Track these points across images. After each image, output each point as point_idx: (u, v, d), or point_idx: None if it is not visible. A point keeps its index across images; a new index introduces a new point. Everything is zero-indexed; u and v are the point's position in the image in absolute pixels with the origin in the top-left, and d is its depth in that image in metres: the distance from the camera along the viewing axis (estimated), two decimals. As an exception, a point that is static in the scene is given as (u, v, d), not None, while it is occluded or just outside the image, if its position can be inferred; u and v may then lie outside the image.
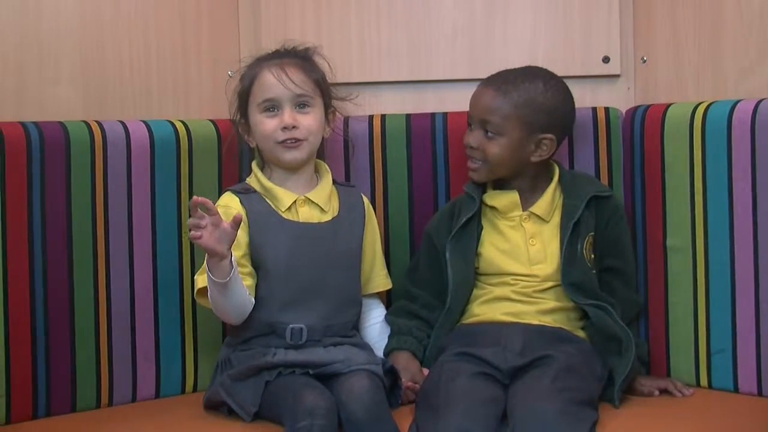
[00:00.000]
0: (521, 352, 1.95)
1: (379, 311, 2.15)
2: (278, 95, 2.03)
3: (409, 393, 1.97)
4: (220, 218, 1.86)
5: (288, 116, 2.02)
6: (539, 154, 2.08)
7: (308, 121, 2.04)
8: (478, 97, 2.09)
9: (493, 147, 2.06)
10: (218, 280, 1.89)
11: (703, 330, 2.07)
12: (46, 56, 2.13)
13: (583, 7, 2.31)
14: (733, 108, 2.03)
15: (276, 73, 2.04)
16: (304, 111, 2.04)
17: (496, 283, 2.07)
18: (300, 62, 2.07)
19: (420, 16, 2.34)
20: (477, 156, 2.08)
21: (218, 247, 1.85)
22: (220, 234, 1.85)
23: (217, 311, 1.97)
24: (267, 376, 1.90)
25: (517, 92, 2.06)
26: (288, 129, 2.02)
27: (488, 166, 2.08)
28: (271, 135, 2.03)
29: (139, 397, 2.08)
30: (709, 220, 2.06)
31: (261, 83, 2.04)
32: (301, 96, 2.04)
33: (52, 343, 1.97)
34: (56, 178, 1.98)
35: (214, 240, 1.85)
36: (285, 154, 2.03)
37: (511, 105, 2.05)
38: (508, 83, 2.07)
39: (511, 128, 2.05)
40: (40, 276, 1.96)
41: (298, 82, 2.03)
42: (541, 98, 2.07)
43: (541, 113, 2.06)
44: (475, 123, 2.09)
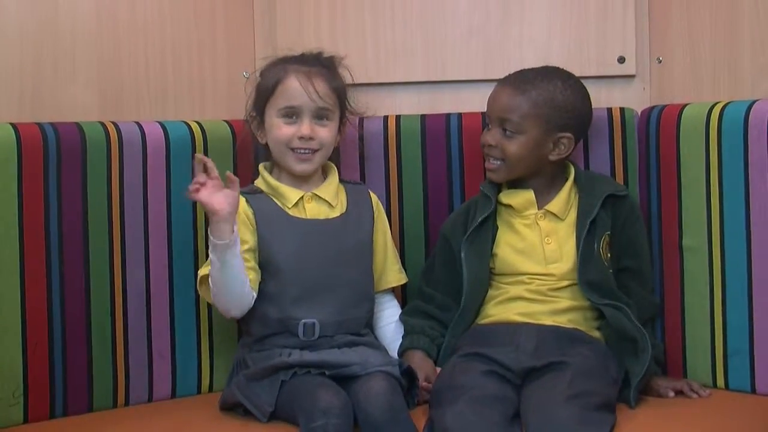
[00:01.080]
0: (534, 353, 1.94)
1: (393, 310, 2.16)
2: (301, 104, 2.04)
3: (423, 393, 1.97)
4: (220, 183, 1.91)
5: (306, 127, 2.03)
6: (557, 153, 2.08)
7: (324, 134, 2.05)
8: (496, 96, 2.09)
9: (512, 146, 2.06)
10: (218, 242, 1.90)
11: (719, 331, 2.06)
12: (62, 58, 2.14)
13: (598, 7, 2.31)
14: (750, 108, 2.02)
15: (303, 81, 2.04)
16: (322, 123, 2.05)
17: (511, 282, 2.07)
18: (326, 72, 2.08)
19: (435, 17, 2.34)
20: (495, 155, 2.08)
21: (219, 205, 1.89)
22: (222, 194, 1.90)
23: (215, 294, 1.96)
24: (282, 375, 1.90)
25: (536, 91, 2.06)
26: (304, 139, 2.03)
27: (507, 165, 2.08)
28: (286, 141, 2.04)
29: (155, 397, 2.08)
30: (725, 221, 2.05)
31: (286, 88, 2.05)
32: (323, 109, 2.05)
33: (68, 343, 1.98)
34: (73, 179, 1.98)
35: (215, 197, 1.89)
36: (296, 165, 2.05)
37: (530, 103, 2.05)
38: (527, 82, 2.07)
39: (530, 127, 2.05)
40: (57, 276, 1.97)
41: (322, 95, 2.04)
42: (560, 97, 2.07)
43: (560, 112, 2.06)
44: (493, 122, 2.09)
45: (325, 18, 2.34)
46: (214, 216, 1.90)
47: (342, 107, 2.10)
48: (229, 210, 1.90)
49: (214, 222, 1.91)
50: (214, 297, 1.98)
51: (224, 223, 1.90)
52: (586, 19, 2.31)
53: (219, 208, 1.89)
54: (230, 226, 1.91)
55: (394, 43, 2.34)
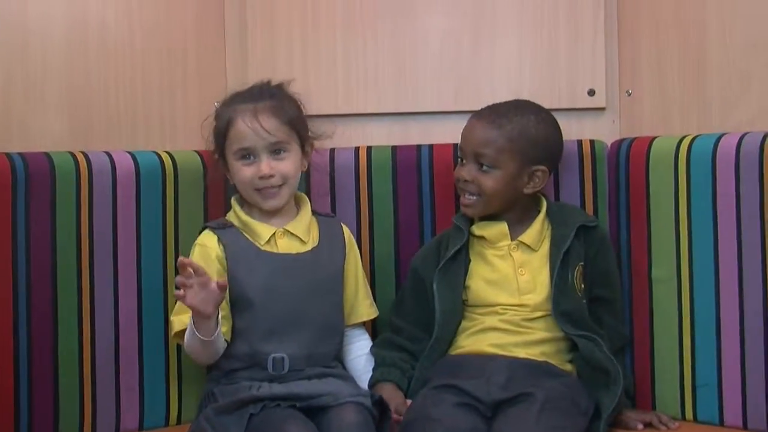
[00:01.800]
0: (505, 385, 1.94)
1: (364, 343, 2.15)
2: (253, 144, 2.04)
3: (393, 425, 1.96)
4: (209, 280, 1.88)
5: (265, 166, 2.03)
6: (532, 186, 2.09)
7: (285, 167, 2.05)
8: (471, 130, 2.10)
9: (488, 180, 2.07)
10: (203, 338, 1.91)
11: (688, 362, 2.07)
12: (32, 87, 2.13)
13: (568, 41, 2.32)
14: (718, 141, 2.04)
15: (250, 122, 2.03)
16: (280, 157, 2.05)
17: (484, 313, 2.07)
18: (273, 105, 2.06)
19: (406, 48, 2.35)
20: (471, 190, 2.08)
21: (203, 307, 1.88)
22: (207, 294, 1.88)
23: (191, 355, 2.00)
24: (252, 409, 1.89)
25: (511, 125, 2.07)
26: (265, 178, 2.03)
27: (483, 200, 2.08)
28: (249, 183, 2.04)
29: (123, 428, 2.06)
30: (694, 252, 2.06)
31: (236, 131, 2.04)
32: (276, 143, 2.04)
33: (35, 373, 1.96)
34: (41, 208, 1.97)
35: (199, 300, 1.88)
36: (264, 202, 2.05)
37: (506, 138, 2.06)
38: (501, 116, 2.08)
39: (506, 161, 2.06)
40: (24, 306, 1.95)
41: (271, 130, 2.03)
42: (534, 130, 2.08)
43: (534, 145, 2.07)
44: (468, 156, 2.09)
45: (297, 48, 2.35)
46: (197, 315, 1.90)
47: (300, 136, 2.08)
48: (213, 310, 1.90)
49: (198, 319, 1.91)
50: (188, 353, 2.00)
51: (208, 321, 1.91)
52: (556, 52, 2.32)
53: (202, 310, 1.89)
54: (213, 322, 1.92)
55: (366, 74, 2.35)
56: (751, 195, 1.98)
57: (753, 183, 1.98)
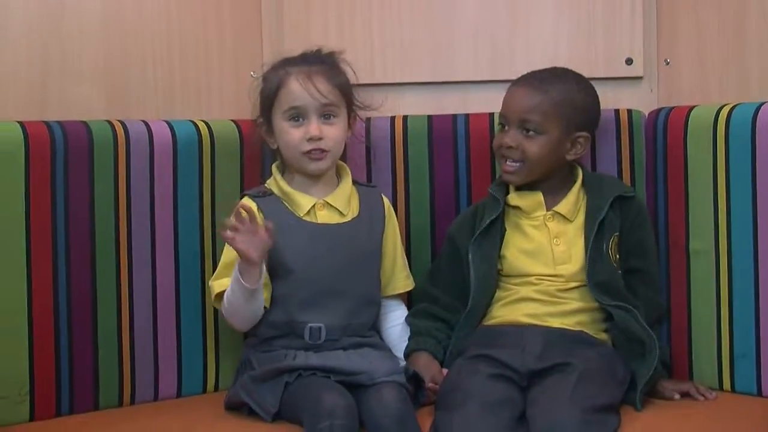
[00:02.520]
0: (541, 355, 1.94)
1: (400, 313, 2.15)
2: (305, 104, 2.03)
3: (429, 394, 1.96)
4: (258, 227, 1.90)
5: (314, 128, 2.03)
6: (574, 153, 2.09)
7: (334, 132, 2.05)
8: (515, 96, 2.09)
9: (533, 146, 2.06)
10: (247, 286, 1.91)
11: (726, 334, 2.06)
12: (70, 56, 2.14)
13: (606, 9, 2.30)
14: (758, 110, 2.02)
15: (303, 81, 2.03)
16: (330, 122, 2.05)
17: (519, 283, 2.07)
18: (326, 69, 2.07)
19: (442, 18, 2.34)
20: (515, 156, 2.07)
21: (251, 253, 1.89)
22: (254, 240, 1.89)
23: (231, 317, 2.00)
24: (287, 377, 1.91)
25: (556, 90, 2.06)
26: (314, 140, 2.03)
27: (527, 166, 2.07)
28: (296, 145, 2.04)
29: (161, 396, 2.08)
30: (733, 224, 2.04)
31: (287, 91, 2.04)
32: (327, 106, 2.04)
33: (75, 341, 1.98)
34: (80, 177, 1.99)
35: (247, 245, 1.89)
36: (310, 164, 2.04)
37: (551, 103, 2.06)
38: (545, 82, 2.07)
39: (551, 126, 2.06)
40: (64, 275, 1.97)
41: (324, 92, 2.03)
42: (577, 96, 2.08)
43: (578, 111, 2.07)
44: (512, 123, 2.08)
45: (332, 18, 2.34)
46: (244, 260, 1.91)
47: (348, 102, 2.09)
48: (258, 255, 1.90)
49: (244, 265, 1.91)
50: (227, 316, 2.01)
51: (253, 268, 1.91)
52: (593, 21, 2.31)
53: (253, 256, 1.90)
54: (258, 270, 1.92)
55: (402, 44, 2.34)
56: (790, 164, 1.97)
57: (792, 152, 1.97)
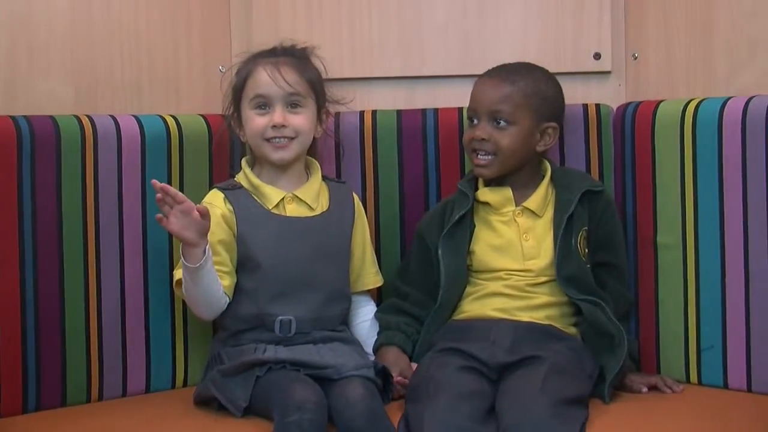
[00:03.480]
0: (510, 348, 1.95)
1: (369, 308, 2.16)
2: (270, 93, 2.04)
3: (399, 388, 1.97)
4: (191, 206, 1.88)
5: (278, 115, 2.03)
6: (544, 144, 2.10)
7: (298, 121, 2.04)
8: (485, 89, 2.09)
9: (504, 137, 2.07)
10: (189, 265, 1.91)
11: (693, 326, 2.07)
12: (37, 50, 2.13)
13: (574, 4, 2.31)
14: (724, 105, 2.04)
15: (270, 71, 2.04)
16: (295, 111, 2.05)
17: (489, 278, 2.07)
18: (295, 61, 2.07)
19: (411, 13, 2.34)
20: (487, 148, 2.08)
21: (185, 234, 1.88)
22: (189, 221, 1.88)
23: (189, 302, 2.00)
24: (257, 371, 1.90)
25: (524, 81, 2.07)
26: (277, 128, 2.03)
27: (499, 159, 2.08)
28: (260, 132, 2.04)
29: (130, 391, 2.07)
30: (700, 217, 2.06)
31: (254, 80, 2.05)
32: (293, 95, 2.04)
33: (42, 337, 1.97)
34: (47, 172, 1.97)
35: (181, 225, 1.88)
36: (273, 153, 2.04)
37: (521, 93, 2.07)
38: (513, 74, 2.09)
39: (522, 116, 2.07)
40: (31, 270, 1.95)
41: (291, 82, 2.04)
42: (545, 87, 2.09)
43: (546, 101, 2.09)
44: (482, 115, 2.08)
45: (301, 12, 2.34)
46: (182, 242, 1.90)
47: (317, 96, 2.09)
48: (197, 238, 1.89)
49: (186, 248, 1.91)
50: (187, 302, 2.00)
51: (194, 248, 1.90)
52: (562, 15, 2.32)
53: (187, 237, 1.89)
54: (201, 249, 1.91)
55: (371, 39, 2.34)
56: (757, 158, 1.98)
57: (759, 147, 1.98)
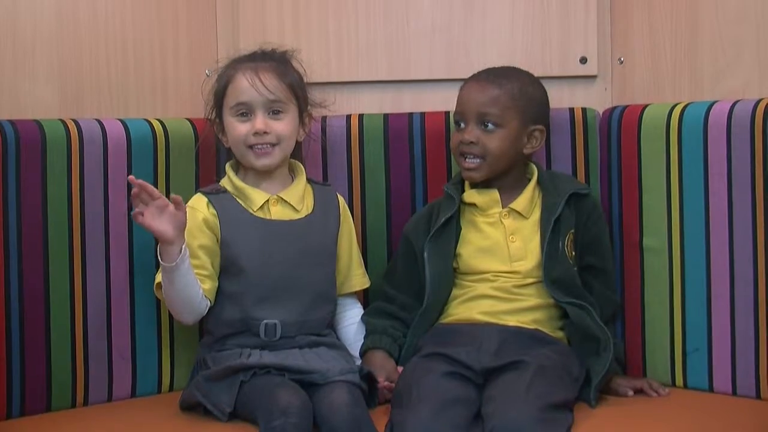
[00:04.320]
0: (496, 353, 1.95)
1: (356, 311, 2.15)
2: (251, 100, 2.03)
3: (384, 392, 1.97)
4: (165, 203, 1.89)
5: (260, 122, 2.03)
6: (531, 146, 2.10)
7: (280, 127, 2.04)
8: (472, 92, 2.09)
9: (493, 140, 2.07)
10: (165, 264, 1.91)
11: (678, 329, 2.08)
12: (22, 54, 2.12)
13: (560, 8, 2.31)
14: (710, 109, 2.04)
15: (250, 77, 2.03)
16: (277, 117, 2.05)
17: (475, 280, 2.08)
18: (275, 66, 2.07)
19: (398, 17, 2.34)
20: (476, 152, 2.07)
21: (163, 228, 1.88)
22: (166, 216, 1.89)
23: (168, 304, 2.00)
24: (242, 376, 1.90)
25: (512, 84, 2.08)
26: (259, 134, 2.02)
27: (488, 162, 2.08)
28: (242, 139, 2.04)
29: (115, 396, 2.07)
30: (686, 221, 2.07)
31: (235, 87, 2.05)
32: (274, 102, 2.04)
33: (27, 341, 1.96)
34: (32, 176, 1.97)
35: (157, 222, 1.88)
36: (256, 160, 2.04)
37: (509, 96, 2.07)
38: (500, 77, 2.09)
39: (510, 119, 2.07)
40: (16, 274, 1.95)
41: (271, 88, 2.03)
42: (532, 90, 2.10)
43: (533, 104, 2.09)
44: (470, 118, 2.08)
45: (287, 16, 2.34)
46: (159, 239, 1.90)
47: (299, 101, 2.08)
48: (173, 233, 1.89)
49: (163, 246, 1.91)
50: (167, 304, 2.00)
51: (170, 246, 1.90)
52: (548, 20, 2.32)
53: (163, 231, 1.89)
54: (177, 248, 1.91)
55: (357, 42, 2.34)
56: (742, 162, 1.99)
57: (744, 150, 1.98)
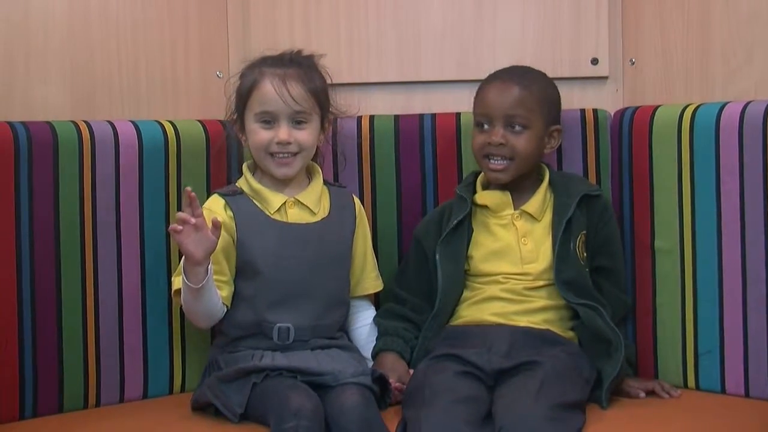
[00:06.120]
0: (507, 354, 1.95)
1: (368, 313, 2.15)
2: (276, 109, 2.03)
3: (396, 393, 1.96)
4: (204, 222, 1.89)
5: (283, 132, 2.02)
6: (551, 146, 2.12)
7: (303, 137, 2.04)
8: (498, 92, 2.09)
9: (520, 141, 2.07)
10: (192, 285, 1.91)
11: (690, 331, 2.07)
12: (34, 56, 2.12)
13: (571, 9, 2.31)
14: (721, 110, 2.04)
15: (277, 86, 2.02)
16: (300, 126, 2.04)
17: (486, 282, 2.07)
18: (301, 73, 2.05)
19: (409, 18, 2.34)
20: (504, 153, 2.07)
21: (194, 250, 1.89)
22: (200, 238, 1.88)
23: (187, 313, 2.01)
24: (254, 378, 1.90)
25: (536, 85, 2.09)
26: (282, 144, 2.02)
27: (516, 163, 2.07)
28: (264, 146, 2.03)
29: (127, 397, 2.07)
30: (697, 222, 2.06)
31: (261, 93, 2.03)
32: (299, 113, 2.04)
33: (39, 343, 1.97)
34: (44, 178, 1.97)
35: (190, 241, 1.88)
36: (276, 169, 2.04)
37: (535, 97, 2.08)
38: (523, 78, 2.09)
39: (535, 120, 2.08)
40: (28, 276, 1.95)
41: (297, 98, 2.02)
42: (551, 90, 2.12)
43: (553, 104, 2.11)
44: (497, 120, 2.07)
45: (298, 18, 2.34)
46: (187, 259, 1.90)
47: (322, 108, 2.08)
48: (202, 256, 1.89)
49: (188, 264, 1.91)
50: (185, 313, 2.01)
51: (198, 267, 1.90)
52: (559, 21, 2.32)
53: (192, 253, 1.89)
54: (204, 269, 1.91)
55: (368, 44, 2.34)
56: (754, 163, 1.98)
57: (756, 151, 1.98)
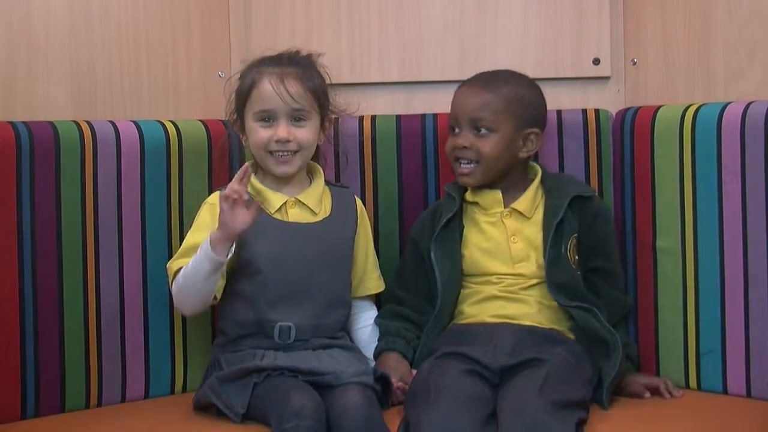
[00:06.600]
0: (512, 351, 1.94)
1: (370, 314, 2.15)
2: (275, 108, 2.03)
3: (398, 393, 1.96)
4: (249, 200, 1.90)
5: (282, 130, 2.03)
6: (527, 150, 2.10)
7: (302, 135, 2.04)
8: (464, 97, 2.10)
9: (486, 145, 2.07)
10: (217, 258, 1.90)
11: (692, 331, 2.07)
12: (36, 55, 2.12)
13: (573, 9, 2.31)
14: (723, 110, 2.04)
15: (275, 84, 2.03)
16: (300, 124, 2.05)
17: (481, 282, 2.08)
18: (300, 72, 2.06)
19: (410, 18, 2.34)
20: (470, 156, 2.08)
21: (233, 222, 1.89)
22: (241, 213, 1.90)
23: (183, 295, 1.97)
24: (255, 377, 1.90)
25: (505, 88, 2.08)
26: (281, 142, 2.03)
27: (483, 167, 2.08)
28: (263, 144, 2.04)
29: (129, 397, 2.07)
30: (699, 222, 2.06)
31: (259, 91, 2.04)
32: (298, 110, 2.04)
33: (41, 343, 1.97)
34: (46, 177, 1.97)
35: (234, 213, 1.89)
36: (276, 167, 2.04)
37: (502, 100, 2.07)
38: (492, 81, 2.09)
39: (503, 123, 2.07)
40: (30, 276, 1.95)
41: (296, 96, 2.03)
42: (526, 93, 2.10)
43: (527, 107, 2.09)
44: (463, 124, 2.09)
45: (300, 18, 2.34)
46: (223, 229, 1.90)
47: (321, 106, 2.08)
48: (240, 229, 1.90)
49: (221, 235, 1.90)
50: (179, 291, 1.98)
51: (228, 241, 1.91)
52: (561, 21, 2.32)
53: (233, 224, 1.89)
54: (231, 245, 1.91)
55: (369, 44, 2.34)
56: (755, 163, 1.98)
57: (758, 152, 1.98)
